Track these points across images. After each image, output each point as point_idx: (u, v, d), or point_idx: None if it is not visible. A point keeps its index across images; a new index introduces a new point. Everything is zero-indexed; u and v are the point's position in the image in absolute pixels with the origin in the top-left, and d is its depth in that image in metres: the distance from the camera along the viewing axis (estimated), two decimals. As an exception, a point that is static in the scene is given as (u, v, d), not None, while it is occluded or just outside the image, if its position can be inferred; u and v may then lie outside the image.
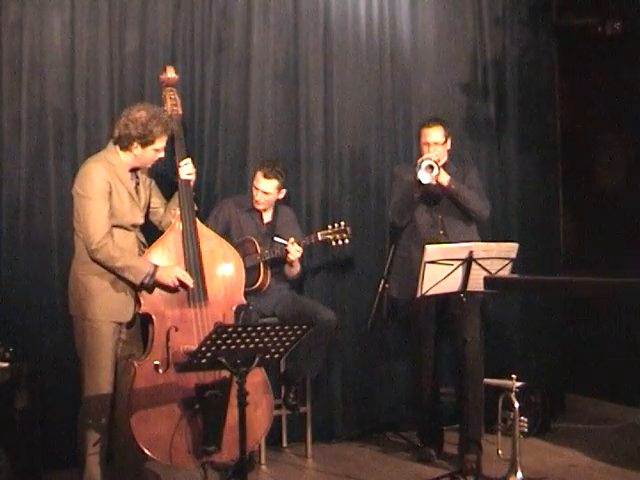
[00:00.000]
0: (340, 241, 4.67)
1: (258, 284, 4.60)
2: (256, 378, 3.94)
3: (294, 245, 4.55)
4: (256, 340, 3.35)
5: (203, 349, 3.34)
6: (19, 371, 4.07)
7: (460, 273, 4.19)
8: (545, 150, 5.94)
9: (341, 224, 4.69)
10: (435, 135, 4.71)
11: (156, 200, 4.25)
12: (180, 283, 4.00)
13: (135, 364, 3.91)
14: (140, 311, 4.00)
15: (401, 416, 5.28)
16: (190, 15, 4.99)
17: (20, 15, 4.61)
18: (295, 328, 3.42)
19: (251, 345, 3.35)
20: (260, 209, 4.77)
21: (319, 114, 5.29)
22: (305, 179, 5.26)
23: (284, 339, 3.42)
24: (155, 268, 3.95)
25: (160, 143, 4.04)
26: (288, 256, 4.56)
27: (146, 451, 3.87)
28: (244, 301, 4.21)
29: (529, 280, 3.28)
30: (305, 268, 4.94)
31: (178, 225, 4.10)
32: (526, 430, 4.28)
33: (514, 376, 4.24)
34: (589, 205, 5.79)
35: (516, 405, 4.21)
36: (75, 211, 3.99)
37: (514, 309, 5.72)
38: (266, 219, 4.81)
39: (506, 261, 4.24)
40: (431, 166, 4.54)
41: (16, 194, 4.60)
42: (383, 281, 4.96)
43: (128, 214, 4.01)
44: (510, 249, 4.28)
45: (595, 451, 4.81)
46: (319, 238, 4.66)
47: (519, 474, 4.14)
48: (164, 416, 3.87)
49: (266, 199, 4.73)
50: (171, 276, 3.97)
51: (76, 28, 4.71)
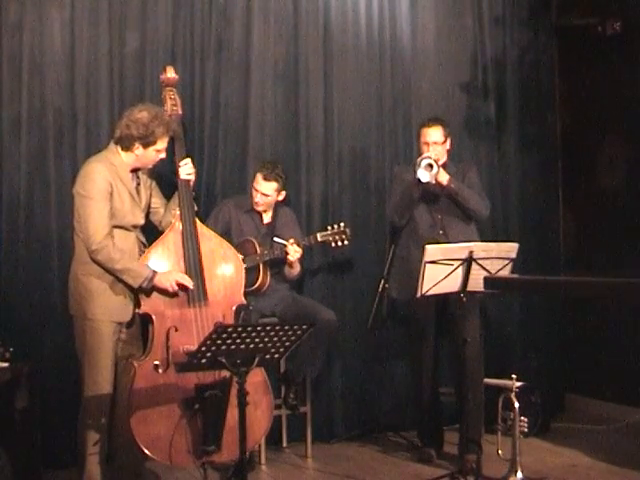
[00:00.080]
0: (339, 242, 4.68)
1: (257, 285, 4.60)
2: (256, 378, 3.94)
3: (293, 246, 4.55)
4: (256, 340, 3.35)
5: (203, 349, 3.34)
6: (19, 371, 4.07)
7: (460, 273, 4.20)
8: (545, 150, 5.94)
9: (340, 225, 4.69)
10: (434, 135, 4.71)
11: (156, 200, 4.25)
12: (179, 286, 3.99)
13: (135, 364, 3.91)
14: (140, 311, 4.00)
15: (401, 416, 5.28)
16: (190, 15, 4.99)
17: (20, 15, 4.61)
18: (295, 328, 3.42)
19: (251, 345, 3.35)
20: (259, 210, 4.78)
21: (319, 114, 5.29)
22: (305, 179, 5.26)
23: (284, 339, 3.42)
24: (154, 273, 3.94)
25: (161, 144, 4.04)
26: (287, 257, 4.57)
27: (146, 451, 3.87)
28: (244, 301, 4.21)
29: (529, 280, 3.27)
30: (305, 268, 4.94)
31: (178, 225, 4.10)
32: (526, 430, 4.28)
33: (514, 376, 4.25)
34: (589, 205, 5.79)
35: (516, 405, 4.21)
36: (75, 211, 3.99)
37: (514, 309, 5.72)
38: (266, 220, 4.81)
39: (506, 261, 4.25)
40: (430, 165, 4.53)
41: (16, 194, 4.60)
42: (383, 281, 4.96)
43: (129, 215, 4.01)
44: (510, 249, 4.28)
45: (595, 451, 4.81)
46: (318, 239, 4.66)
47: (519, 474, 4.15)
48: (164, 416, 3.87)
49: (265, 201, 4.73)
50: (170, 280, 3.96)
51: (76, 28, 4.71)
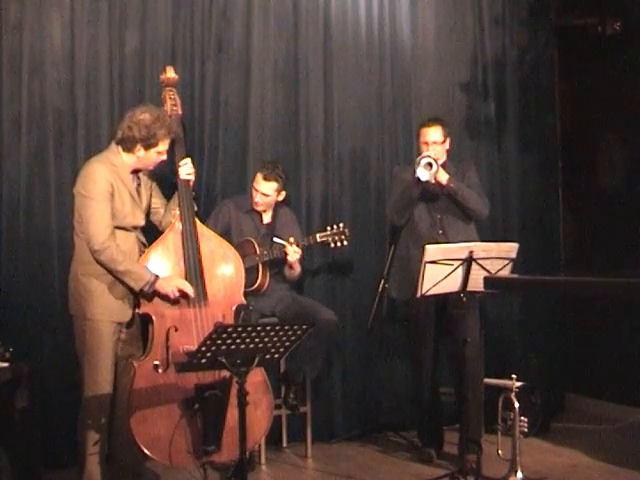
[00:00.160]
0: (339, 243, 4.68)
1: (257, 285, 4.60)
2: (256, 378, 3.94)
3: (293, 246, 4.55)
4: (256, 340, 3.35)
5: (203, 349, 3.34)
6: (19, 371, 4.06)
7: (460, 273, 4.19)
8: (545, 150, 5.94)
9: (340, 225, 4.69)
10: (434, 134, 4.71)
11: (157, 200, 4.25)
12: (180, 292, 3.99)
13: (135, 364, 3.91)
14: (140, 311, 3.99)
15: (401, 416, 5.27)
16: (190, 15, 4.99)
17: (20, 15, 4.61)
18: (295, 328, 3.42)
19: (251, 345, 3.35)
20: (259, 210, 4.77)
21: (319, 114, 5.29)
22: (305, 179, 5.25)
23: (284, 339, 3.41)
24: (156, 278, 3.94)
25: (163, 146, 4.04)
26: (287, 257, 4.57)
27: (146, 451, 3.86)
28: (244, 301, 4.20)
29: (529, 280, 3.27)
30: (305, 268, 4.94)
31: (178, 225, 4.10)
32: (526, 430, 4.28)
33: (514, 376, 4.25)
34: (589, 205, 5.79)
35: (516, 405, 4.21)
36: (76, 211, 3.98)
37: (514, 309, 5.73)
38: (266, 220, 4.81)
39: (506, 261, 4.24)
40: (430, 163, 4.53)
41: (16, 194, 4.60)
42: (383, 281, 4.96)
43: (129, 216, 4.01)
44: (510, 249, 4.27)
45: (595, 451, 4.81)
46: (318, 240, 4.67)
47: (519, 474, 4.15)
48: (164, 416, 3.87)
49: (265, 201, 4.73)
50: (171, 286, 3.95)
51: (76, 28, 4.71)
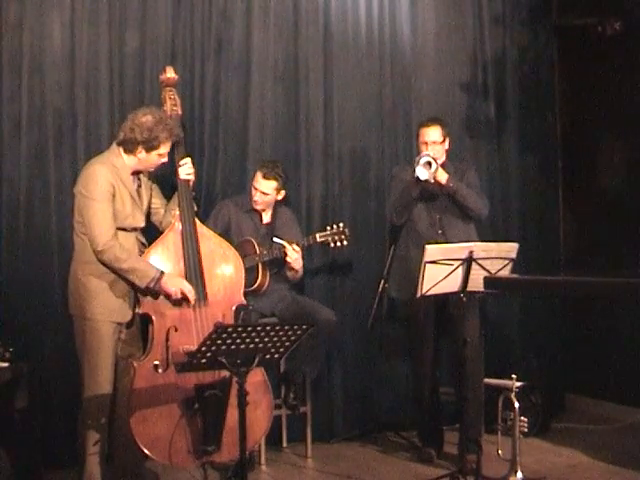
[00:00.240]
0: (338, 242, 4.67)
1: (256, 285, 4.59)
2: (256, 378, 3.94)
3: (292, 246, 4.55)
4: (256, 340, 3.34)
5: (203, 349, 3.34)
6: (19, 371, 4.06)
7: (460, 273, 4.19)
8: (545, 150, 5.94)
9: (340, 225, 4.69)
10: (433, 134, 4.71)
11: (157, 201, 4.25)
12: (182, 296, 3.97)
13: (135, 364, 3.91)
14: (140, 311, 4.00)
15: (401, 416, 5.28)
16: (190, 15, 4.99)
17: (20, 15, 4.61)
18: (295, 328, 3.42)
19: (251, 345, 3.34)
20: (259, 209, 4.77)
21: (319, 114, 5.29)
22: (305, 179, 5.25)
23: (284, 339, 3.41)
24: (161, 274, 3.93)
25: (164, 148, 4.03)
26: (287, 257, 4.57)
27: (146, 451, 3.86)
28: (244, 301, 4.20)
29: (529, 280, 3.27)
30: (305, 268, 4.93)
31: (177, 225, 4.10)
32: (526, 430, 4.28)
33: (514, 376, 4.24)
34: (589, 205, 5.79)
35: (516, 405, 4.21)
36: (77, 211, 3.98)
37: (514, 309, 5.73)
38: (265, 220, 4.81)
39: (506, 261, 4.24)
40: (429, 162, 4.53)
41: (16, 194, 4.59)
42: (383, 281, 4.97)
43: (130, 217, 4.01)
44: (510, 249, 4.27)
45: (595, 451, 4.81)
46: (317, 240, 4.66)
47: (519, 474, 4.15)
48: (164, 416, 3.87)
49: (264, 200, 4.72)
50: (176, 285, 3.95)
51: (76, 28, 4.71)
